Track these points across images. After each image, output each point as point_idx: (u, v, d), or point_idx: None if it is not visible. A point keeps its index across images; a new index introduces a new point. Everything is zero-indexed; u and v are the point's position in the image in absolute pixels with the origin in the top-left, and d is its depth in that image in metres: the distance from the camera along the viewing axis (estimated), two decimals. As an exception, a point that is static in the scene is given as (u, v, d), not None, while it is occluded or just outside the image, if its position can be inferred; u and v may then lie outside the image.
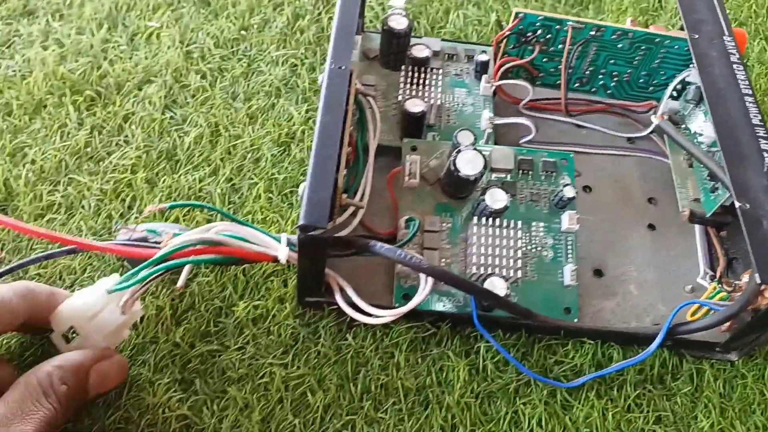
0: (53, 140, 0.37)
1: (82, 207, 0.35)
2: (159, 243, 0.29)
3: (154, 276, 0.28)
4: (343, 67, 0.32)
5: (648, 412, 0.31)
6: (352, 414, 0.30)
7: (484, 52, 0.41)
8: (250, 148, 0.38)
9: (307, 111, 0.40)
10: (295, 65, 0.42)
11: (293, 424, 0.30)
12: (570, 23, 0.37)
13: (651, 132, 0.40)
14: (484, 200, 0.32)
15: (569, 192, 0.34)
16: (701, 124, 0.36)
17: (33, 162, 0.36)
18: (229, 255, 0.29)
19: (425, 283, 0.30)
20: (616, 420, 0.31)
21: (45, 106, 0.38)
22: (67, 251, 0.30)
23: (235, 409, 0.30)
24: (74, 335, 0.29)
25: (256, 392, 0.30)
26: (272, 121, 0.39)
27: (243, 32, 0.43)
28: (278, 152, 0.38)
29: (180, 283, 0.32)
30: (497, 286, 0.31)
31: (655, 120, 0.37)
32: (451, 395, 0.31)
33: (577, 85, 0.41)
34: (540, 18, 0.37)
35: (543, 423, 0.30)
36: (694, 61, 0.35)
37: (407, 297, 0.32)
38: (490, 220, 0.33)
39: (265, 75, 0.41)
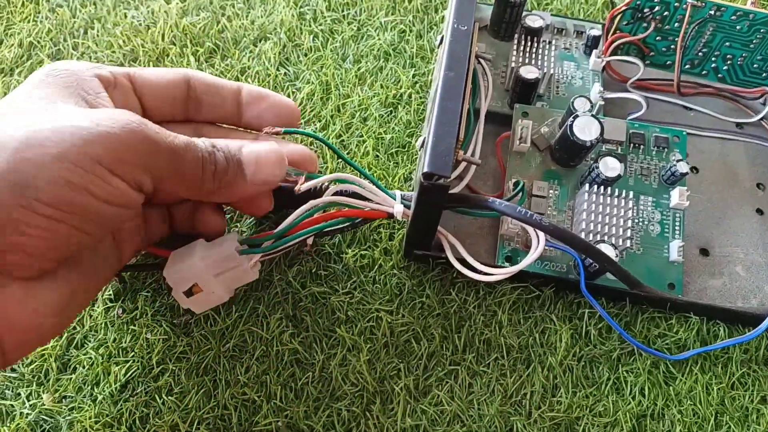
0: (176, 87, 0.39)
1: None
2: (290, 182, 0.30)
3: (289, 244, 0.29)
4: (465, 27, 0.32)
5: (753, 391, 0.31)
6: (455, 364, 0.31)
7: (594, 27, 0.41)
8: (359, 108, 0.39)
9: (413, 76, 0.40)
10: (404, 31, 0.43)
11: (398, 368, 0.30)
12: (689, 1, 0.37)
13: (762, 118, 0.39)
14: (597, 167, 0.32)
15: (683, 167, 0.33)
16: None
17: (157, 105, 0.38)
18: (350, 216, 0.30)
19: (537, 243, 0.31)
20: (720, 396, 0.31)
21: (168, 55, 0.40)
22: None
23: (343, 349, 0.31)
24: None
25: (363, 335, 0.31)
26: (380, 83, 0.40)
27: (354, -3, 0.44)
28: (385, 113, 0.39)
29: (310, 240, 0.31)
30: (606, 253, 0.31)
31: (773, 102, 0.36)
32: (554, 356, 0.31)
33: (687, 66, 0.40)
34: (659, -6, 0.37)
35: (645, 391, 0.30)
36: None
37: (510, 259, 0.33)
38: (601, 188, 0.33)
39: (374, 39, 0.42)
